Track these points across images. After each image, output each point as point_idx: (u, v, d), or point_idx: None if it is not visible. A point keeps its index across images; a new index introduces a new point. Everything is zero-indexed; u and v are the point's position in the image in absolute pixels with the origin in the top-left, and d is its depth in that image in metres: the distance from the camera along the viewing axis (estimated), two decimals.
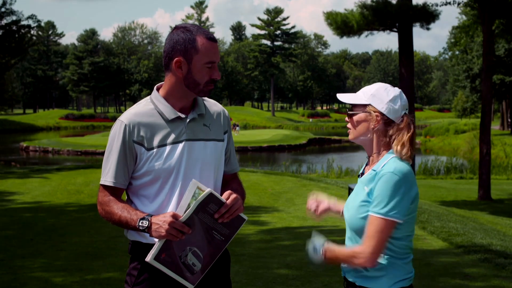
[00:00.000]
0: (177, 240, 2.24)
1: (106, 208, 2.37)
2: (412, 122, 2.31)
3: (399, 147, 2.25)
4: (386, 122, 2.29)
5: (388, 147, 2.31)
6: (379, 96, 2.29)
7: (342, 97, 2.40)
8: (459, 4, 18.08)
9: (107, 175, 2.39)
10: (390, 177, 2.17)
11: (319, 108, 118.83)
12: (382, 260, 2.24)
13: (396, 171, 2.18)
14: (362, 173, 2.40)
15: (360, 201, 2.27)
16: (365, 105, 2.31)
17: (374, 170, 2.26)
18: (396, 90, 2.32)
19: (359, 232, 2.27)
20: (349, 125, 2.39)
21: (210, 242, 2.33)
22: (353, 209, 2.31)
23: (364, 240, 2.21)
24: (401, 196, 2.17)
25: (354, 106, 2.35)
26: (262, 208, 10.10)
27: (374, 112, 2.29)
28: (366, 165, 2.42)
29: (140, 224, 2.26)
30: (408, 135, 2.27)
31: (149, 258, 2.25)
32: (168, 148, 2.36)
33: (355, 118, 2.34)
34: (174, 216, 2.22)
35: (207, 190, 2.26)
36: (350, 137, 2.39)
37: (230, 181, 2.60)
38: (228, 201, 2.29)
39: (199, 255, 2.31)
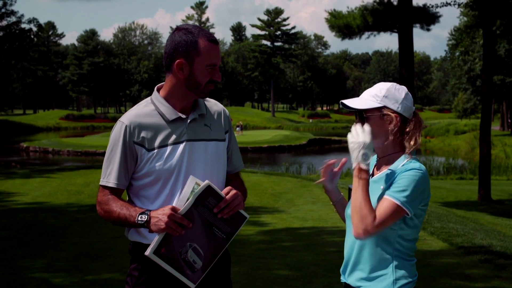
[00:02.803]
0: (177, 234, 2.24)
1: (105, 207, 2.37)
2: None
3: (412, 142, 2.27)
4: (403, 120, 2.29)
5: (402, 146, 2.31)
6: (392, 96, 2.28)
7: (351, 103, 2.32)
8: (459, 5, 18.08)
9: (108, 176, 2.39)
10: (416, 173, 2.20)
11: (319, 108, 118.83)
12: (391, 260, 2.24)
13: (422, 169, 2.22)
14: (372, 174, 2.38)
15: (376, 200, 2.25)
16: (378, 108, 2.29)
17: (391, 170, 2.26)
18: (404, 88, 2.33)
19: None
20: None
21: (211, 239, 2.32)
22: None
23: (377, 213, 2.17)
24: (420, 193, 2.21)
25: (366, 111, 2.30)
26: (262, 208, 10.10)
27: (392, 113, 2.28)
28: (374, 166, 2.40)
29: (139, 219, 2.25)
30: (420, 128, 2.30)
31: (148, 251, 2.24)
32: (169, 148, 2.36)
33: (371, 122, 2.29)
34: (173, 209, 2.23)
35: (205, 182, 2.26)
36: None
37: (232, 180, 2.60)
38: (227, 197, 2.30)
39: (199, 252, 2.30)
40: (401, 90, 2.30)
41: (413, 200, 2.19)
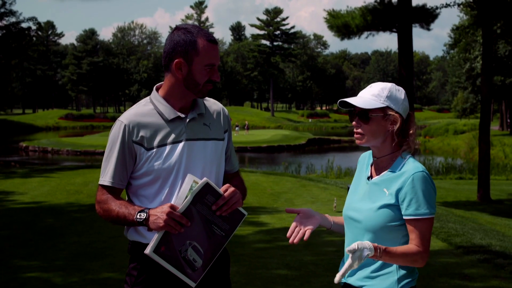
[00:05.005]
0: (176, 232, 2.24)
1: (104, 206, 2.37)
2: None
3: (412, 142, 2.30)
4: (403, 121, 2.30)
5: (399, 146, 2.31)
6: (394, 97, 2.28)
7: (354, 101, 2.29)
8: (459, 5, 18.09)
9: (106, 175, 2.39)
10: (423, 176, 2.21)
11: (318, 108, 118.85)
12: None
13: (425, 170, 2.23)
14: (371, 175, 2.37)
15: (382, 204, 2.24)
16: (381, 108, 2.28)
17: (393, 171, 2.26)
18: (402, 89, 2.35)
19: (380, 234, 2.24)
20: (360, 130, 2.30)
21: (210, 237, 2.31)
22: (370, 212, 2.26)
23: (419, 242, 2.20)
24: (435, 193, 2.24)
25: (370, 111, 2.28)
26: (261, 208, 10.10)
27: (396, 113, 2.27)
28: (371, 165, 2.39)
29: (138, 216, 2.25)
30: (415, 128, 2.33)
31: (148, 250, 2.23)
32: (168, 148, 2.36)
33: (373, 122, 2.28)
34: (172, 207, 2.23)
35: (204, 179, 2.26)
36: (363, 141, 2.30)
37: (231, 179, 2.60)
38: (226, 194, 2.30)
39: (199, 250, 2.30)
40: (401, 91, 2.32)
41: (433, 203, 2.23)
